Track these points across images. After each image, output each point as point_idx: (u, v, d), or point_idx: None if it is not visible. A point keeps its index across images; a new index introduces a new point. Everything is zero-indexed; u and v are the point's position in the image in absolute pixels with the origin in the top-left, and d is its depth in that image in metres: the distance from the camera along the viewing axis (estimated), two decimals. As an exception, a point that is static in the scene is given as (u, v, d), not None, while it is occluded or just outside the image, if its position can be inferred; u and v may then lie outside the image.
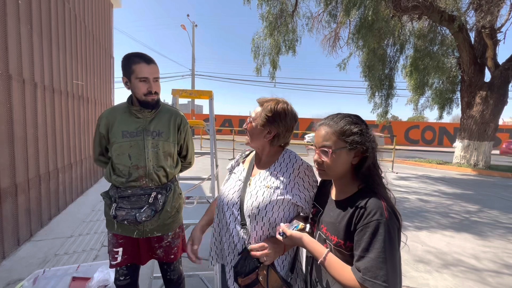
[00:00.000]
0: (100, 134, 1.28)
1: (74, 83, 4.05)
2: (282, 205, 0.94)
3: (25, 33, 2.67)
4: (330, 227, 0.83)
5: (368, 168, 0.80)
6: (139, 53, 1.23)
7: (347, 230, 0.76)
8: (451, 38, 8.55)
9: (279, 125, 0.98)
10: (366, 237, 0.71)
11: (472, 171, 8.10)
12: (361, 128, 0.80)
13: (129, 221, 1.20)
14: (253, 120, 1.00)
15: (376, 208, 0.72)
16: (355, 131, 0.79)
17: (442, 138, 19.08)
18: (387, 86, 9.65)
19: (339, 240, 0.78)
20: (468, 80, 8.44)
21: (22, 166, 2.63)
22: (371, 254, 0.69)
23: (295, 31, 8.32)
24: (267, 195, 0.93)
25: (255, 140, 1.02)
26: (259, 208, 0.92)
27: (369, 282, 0.67)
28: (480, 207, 4.46)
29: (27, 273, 1.96)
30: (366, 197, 0.76)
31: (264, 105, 0.99)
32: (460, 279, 2.29)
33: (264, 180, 0.98)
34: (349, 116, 0.83)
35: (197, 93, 2.19)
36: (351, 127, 0.80)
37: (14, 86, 2.48)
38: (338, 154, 0.80)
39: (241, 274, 0.86)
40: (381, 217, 0.70)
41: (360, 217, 0.74)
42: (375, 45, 7.88)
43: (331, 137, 0.81)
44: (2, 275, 2.11)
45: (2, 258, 2.32)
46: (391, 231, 0.71)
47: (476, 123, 8.25)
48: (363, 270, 0.69)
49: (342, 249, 0.78)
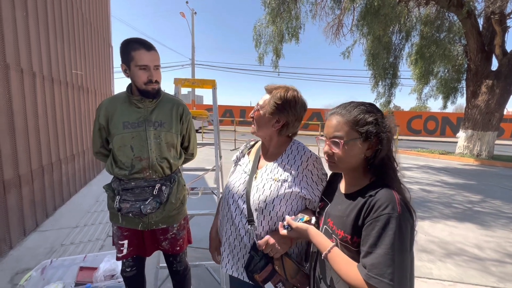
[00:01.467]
0: (99, 125, 1.24)
1: (73, 73, 3.98)
2: (290, 198, 0.91)
3: (21, 20, 2.58)
4: (337, 221, 0.79)
5: (382, 160, 0.75)
6: (139, 39, 1.17)
7: (355, 224, 0.72)
8: (458, 25, 8.29)
9: (288, 113, 0.94)
10: (375, 231, 0.66)
11: (474, 161, 8.07)
12: (376, 118, 0.74)
13: (134, 213, 1.18)
14: (261, 108, 0.96)
15: (388, 201, 0.67)
16: (369, 121, 0.73)
17: (444, 128, 18.92)
18: (391, 75, 9.47)
19: (346, 234, 0.74)
20: (475, 68, 8.25)
21: (25, 157, 2.62)
22: (379, 250, 0.64)
23: (298, 17, 8.07)
24: (275, 189, 0.91)
25: (263, 129, 0.97)
26: (266, 202, 0.90)
27: (375, 280, 0.63)
28: (482, 197, 4.46)
29: (35, 263, 1.98)
30: (379, 190, 0.71)
31: (273, 92, 0.95)
32: (463, 268, 2.30)
33: (271, 173, 0.95)
34: (363, 105, 0.77)
35: (200, 82, 2.14)
36: (365, 116, 0.74)
37: (13, 75, 2.42)
38: (350, 145, 0.74)
39: (256, 271, 0.85)
40: (392, 211, 0.65)
41: (369, 210, 0.69)
42: (380, 32, 7.65)
43: (343, 127, 0.75)
44: (10, 264, 2.14)
45: (10, 248, 2.35)
46: (403, 227, 0.65)
47: (480, 112, 8.13)
48: (369, 266, 0.64)
49: (348, 245, 0.73)
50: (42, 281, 1.70)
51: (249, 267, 0.87)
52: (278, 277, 0.86)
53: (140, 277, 1.41)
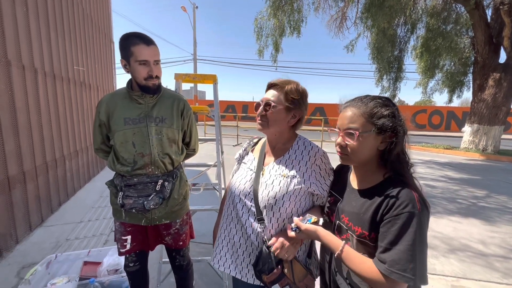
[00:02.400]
0: (100, 121, 1.24)
1: (75, 69, 3.97)
2: (299, 194, 0.90)
3: (21, 16, 2.57)
4: (352, 218, 0.79)
5: (397, 155, 0.75)
6: (138, 33, 1.15)
7: (373, 220, 0.73)
8: (466, 16, 8.07)
9: (302, 107, 0.94)
10: (394, 229, 0.67)
11: (480, 156, 7.96)
12: (393, 111, 0.75)
13: (137, 209, 1.19)
14: (277, 104, 0.92)
15: (408, 200, 0.68)
16: (385, 114, 0.74)
17: (450, 122, 18.67)
18: (396, 69, 9.31)
19: (363, 231, 0.75)
20: (482, 61, 8.06)
21: (29, 154, 2.64)
22: (400, 247, 0.66)
23: (300, 10, 7.92)
24: (284, 185, 0.89)
25: (276, 126, 0.94)
26: (276, 199, 0.88)
27: (397, 275, 0.65)
28: (487, 192, 4.41)
29: (40, 257, 2.02)
30: (396, 187, 0.72)
31: (287, 87, 0.92)
32: (467, 264, 2.29)
33: (280, 169, 0.93)
34: (380, 98, 0.78)
35: (201, 78, 2.12)
36: (381, 109, 0.74)
37: (14, 72, 2.42)
38: (365, 137, 0.74)
39: (264, 271, 0.84)
40: (413, 209, 0.67)
41: (389, 208, 0.70)
42: (385, 24, 7.50)
43: (359, 119, 0.75)
44: (17, 259, 2.18)
45: (16, 243, 2.39)
46: (423, 225, 0.67)
47: (487, 106, 7.97)
48: (390, 262, 0.66)
49: (366, 240, 0.74)
50: (48, 276, 1.72)
51: (257, 266, 0.86)
52: (286, 280, 0.85)
53: (143, 272, 1.42)
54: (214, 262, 1.01)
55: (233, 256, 0.97)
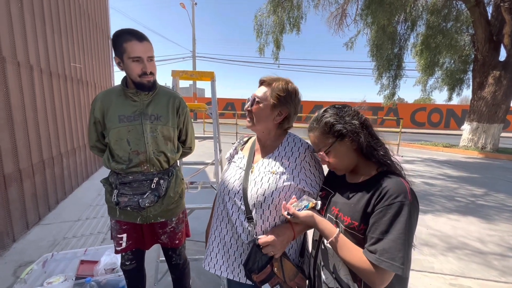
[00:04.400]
0: (95, 118, 1.22)
1: (72, 66, 3.93)
2: (289, 191, 0.89)
3: (16, 11, 2.53)
4: (343, 208, 0.80)
5: (368, 145, 0.78)
6: (130, 30, 1.13)
7: (364, 211, 0.73)
8: (466, 14, 8.02)
9: (290, 105, 0.93)
10: (386, 218, 0.68)
11: (478, 154, 7.97)
12: (332, 115, 0.80)
13: (132, 207, 1.17)
14: (262, 101, 0.92)
15: (400, 190, 0.70)
16: (330, 121, 0.80)
17: (449, 120, 18.68)
18: (395, 67, 9.26)
19: (353, 221, 0.75)
20: (482, 59, 8.03)
21: (25, 152, 2.62)
22: (391, 236, 0.67)
23: (300, 7, 7.87)
24: (273, 181, 0.88)
25: (262, 123, 0.94)
26: (265, 196, 0.87)
27: (386, 264, 0.65)
28: (486, 190, 4.41)
29: (38, 256, 2.00)
30: (388, 178, 0.74)
31: (274, 85, 0.91)
32: (465, 262, 2.29)
33: (269, 166, 0.92)
34: (326, 111, 0.84)
35: (198, 75, 2.09)
36: (329, 120, 0.80)
37: (9, 69, 2.39)
38: (335, 150, 0.80)
39: (254, 271, 0.83)
40: (405, 199, 0.68)
41: (381, 198, 0.71)
42: (385, 21, 7.44)
43: (320, 139, 0.82)
44: (14, 257, 2.17)
45: (13, 241, 2.38)
46: (413, 215, 0.68)
47: (487, 104, 7.97)
48: (380, 251, 0.67)
49: (354, 231, 0.75)
50: (44, 274, 1.71)
51: (247, 265, 0.85)
52: (276, 279, 0.83)
53: (140, 271, 1.41)
54: (205, 264, 1.00)
55: (225, 256, 0.96)
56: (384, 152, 0.79)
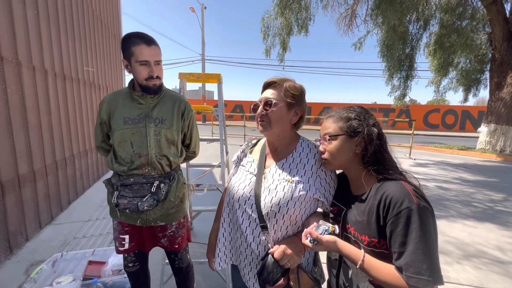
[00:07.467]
0: (101, 119, 1.23)
1: (85, 70, 4.05)
2: (304, 200, 0.84)
3: (32, 18, 2.63)
4: (358, 227, 0.76)
5: (376, 157, 0.76)
6: (139, 33, 1.13)
7: (378, 226, 0.70)
8: (482, 12, 7.73)
9: (303, 104, 0.91)
10: (399, 229, 0.65)
11: (497, 157, 7.61)
12: (358, 113, 0.81)
13: (131, 209, 1.17)
14: (278, 102, 0.87)
15: (402, 195, 0.67)
16: (352, 117, 0.80)
17: (464, 122, 18.00)
18: (407, 67, 9.02)
19: (372, 239, 0.72)
20: (500, 58, 7.70)
21: (39, 153, 2.70)
22: (409, 247, 0.64)
23: (308, 8, 7.81)
24: (289, 191, 0.83)
25: (279, 125, 0.89)
26: (280, 205, 0.82)
27: (414, 279, 0.62)
28: (505, 195, 4.19)
29: (49, 255, 2.05)
30: (387, 185, 0.71)
31: (285, 84, 0.89)
32: (483, 272, 2.17)
33: (283, 173, 0.88)
34: (353, 107, 0.85)
35: (205, 77, 2.09)
36: (349, 114, 0.81)
37: (25, 73, 2.48)
38: (338, 140, 0.80)
39: (269, 282, 0.79)
40: (410, 204, 0.65)
41: (387, 208, 0.68)
42: (396, 21, 7.27)
43: (331, 125, 0.83)
44: (26, 256, 2.23)
45: (26, 240, 2.45)
46: (424, 217, 0.65)
47: (505, 105, 7.61)
48: (404, 266, 0.64)
49: (376, 249, 0.71)
50: (53, 274, 1.74)
51: (261, 276, 0.81)
52: None
53: (143, 272, 1.41)
54: (216, 265, 0.98)
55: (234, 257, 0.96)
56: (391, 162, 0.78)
